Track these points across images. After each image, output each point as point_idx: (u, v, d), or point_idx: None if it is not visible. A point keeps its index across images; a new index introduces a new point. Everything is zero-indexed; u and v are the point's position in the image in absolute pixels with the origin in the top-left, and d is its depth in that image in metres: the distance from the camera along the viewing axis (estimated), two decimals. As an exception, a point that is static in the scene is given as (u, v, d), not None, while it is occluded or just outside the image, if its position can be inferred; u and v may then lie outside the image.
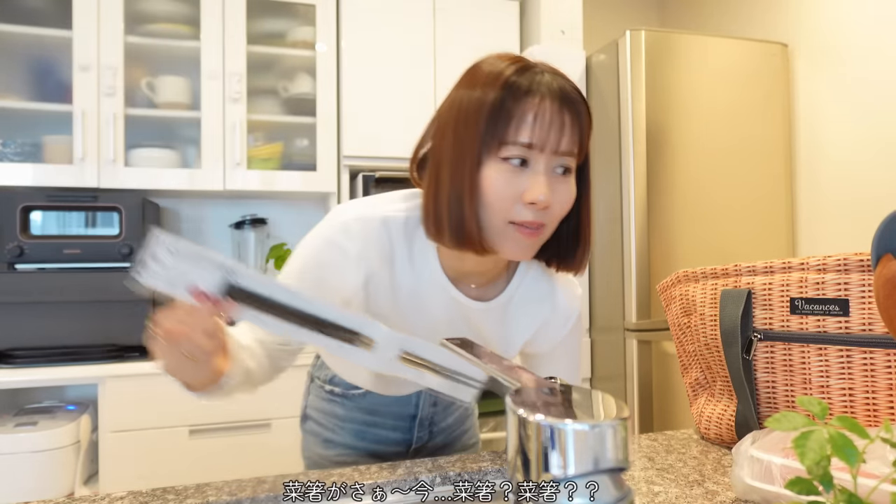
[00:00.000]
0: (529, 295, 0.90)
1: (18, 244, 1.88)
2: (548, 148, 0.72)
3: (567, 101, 0.73)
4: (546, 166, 0.73)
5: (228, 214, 2.43)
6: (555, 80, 0.74)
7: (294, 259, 0.85)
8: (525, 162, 0.73)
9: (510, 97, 0.72)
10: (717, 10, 2.80)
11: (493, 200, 0.73)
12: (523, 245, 0.75)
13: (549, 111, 0.72)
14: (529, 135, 0.71)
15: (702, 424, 0.99)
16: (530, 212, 0.73)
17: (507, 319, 0.91)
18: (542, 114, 0.72)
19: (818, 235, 2.33)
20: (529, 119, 0.71)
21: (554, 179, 0.74)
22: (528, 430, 0.43)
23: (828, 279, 0.82)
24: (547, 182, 0.72)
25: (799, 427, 0.47)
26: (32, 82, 2.16)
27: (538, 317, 0.91)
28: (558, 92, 0.73)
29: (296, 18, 2.34)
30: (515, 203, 0.73)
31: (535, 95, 0.72)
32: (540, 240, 0.77)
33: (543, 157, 0.73)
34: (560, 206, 0.75)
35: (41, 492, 1.70)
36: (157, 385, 1.89)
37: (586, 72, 2.43)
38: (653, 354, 2.19)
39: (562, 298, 0.92)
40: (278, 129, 2.35)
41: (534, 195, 0.72)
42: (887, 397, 0.78)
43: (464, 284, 0.86)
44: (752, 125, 2.33)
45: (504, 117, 0.72)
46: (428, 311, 0.86)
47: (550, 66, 0.78)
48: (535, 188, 0.72)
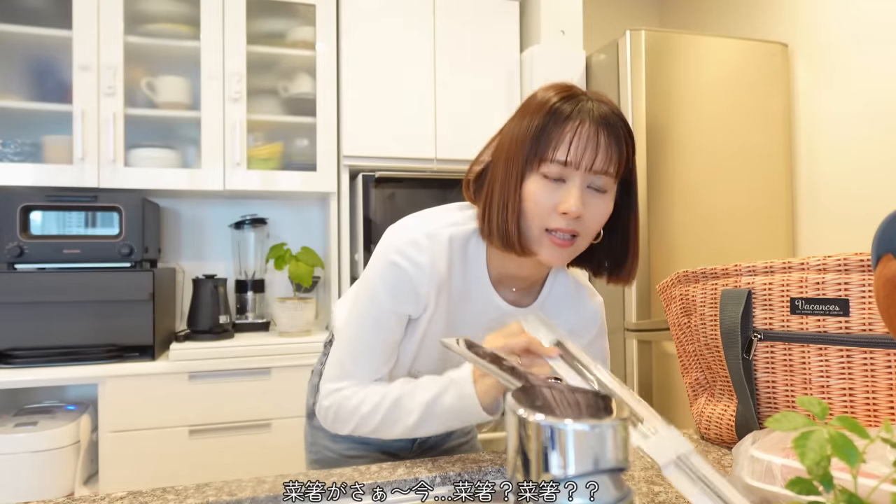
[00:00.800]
0: (558, 302, 0.98)
1: (18, 244, 1.88)
2: (583, 165, 0.81)
3: (605, 125, 0.82)
4: (581, 182, 0.82)
5: (228, 214, 2.43)
6: (598, 107, 0.83)
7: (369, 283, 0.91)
8: (562, 178, 0.82)
9: (552, 121, 0.83)
10: (717, 10, 2.80)
11: (532, 209, 0.83)
12: (557, 252, 0.84)
13: (585, 133, 0.81)
14: (566, 153, 0.81)
15: (702, 424, 0.99)
16: (563, 221, 0.82)
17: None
18: (579, 136, 0.81)
19: (818, 235, 2.33)
20: (567, 140, 0.81)
21: (589, 194, 0.83)
22: (528, 430, 0.43)
23: (828, 279, 0.82)
24: (580, 196, 0.81)
25: (799, 427, 0.47)
26: (32, 82, 2.16)
27: (566, 322, 0.98)
28: (598, 118, 0.82)
29: (296, 18, 2.34)
30: (551, 213, 0.83)
31: (574, 120, 0.82)
32: (574, 249, 0.85)
33: (578, 174, 0.82)
34: (593, 218, 0.84)
35: (41, 492, 1.71)
36: (157, 385, 1.89)
37: (586, 72, 2.43)
38: (653, 354, 2.19)
39: (587, 304, 1.00)
40: (278, 129, 2.35)
41: (567, 206, 0.81)
42: (887, 397, 0.78)
43: (505, 289, 0.95)
44: (752, 125, 2.33)
45: (546, 138, 0.82)
46: (471, 313, 0.94)
47: (599, 93, 0.87)
48: (568, 200, 0.81)
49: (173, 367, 1.90)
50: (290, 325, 2.16)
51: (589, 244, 0.88)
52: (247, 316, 2.35)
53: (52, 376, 1.81)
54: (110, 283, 1.89)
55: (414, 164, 2.30)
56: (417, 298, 0.88)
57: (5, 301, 1.82)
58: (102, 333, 1.89)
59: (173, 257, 2.40)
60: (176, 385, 1.90)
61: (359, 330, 0.91)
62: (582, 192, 0.82)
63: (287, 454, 1.98)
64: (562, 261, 0.86)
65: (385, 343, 0.90)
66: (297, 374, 2.01)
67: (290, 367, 2.01)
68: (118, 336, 1.91)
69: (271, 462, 1.97)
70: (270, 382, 1.99)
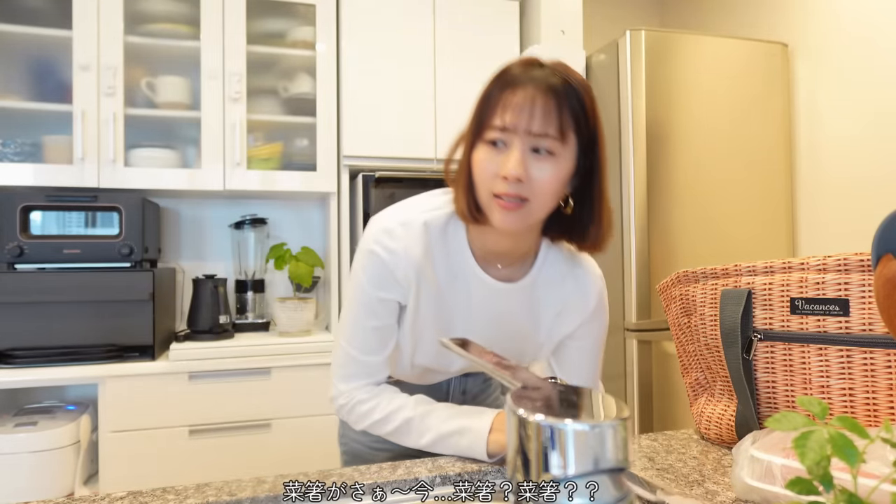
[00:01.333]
0: (552, 277, 0.98)
1: (18, 244, 1.88)
2: (521, 128, 0.81)
3: (546, 88, 0.82)
4: (521, 145, 0.82)
5: (228, 214, 2.43)
6: (545, 74, 0.83)
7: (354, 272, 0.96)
8: (505, 143, 0.83)
9: (497, 89, 0.84)
10: (717, 9, 2.80)
11: (478, 175, 0.86)
12: (506, 215, 0.84)
13: (522, 97, 0.81)
14: (503, 119, 0.82)
15: (702, 424, 0.98)
16: (505, 185, 0.82)
17: (534, 300, 0.98)
18: (516, 100, 0.82)
19: (818, 235, 2.33)
20: (505, 104, 0.82)
21: (533, 158, 0.83)
22: (528, 430, 0.43)
23: (828, 279, 0.82)
24: (519, 158, 0.81)
25: (799, 427, 0.47)
26: (32, 82, 2.16)
27: (560, 297, 0.98)
28: (540, 82, 0.82)
29: (296, 18, 2.34)
30: (495, 178, 0.83)
31: (515, 85, 0.83)
32: (526, 213, 0.84)
33: (517, 137, 0.82)
34: (539, 182, 0.83)
35: (41, 492, 1.70)
36: (157, 385, 1.89)
37: (586, 72, 2.43)
38: (653, 354, 2.19)
39: (582, 279, 0.99)
40: (278, 129, 2.35)
41: (506, 169, 0.82)
42: (887, 397, 0.78)
43: (492, 266, 0.95)
44: (752, 125, 2.33)
45: (489, 106, 0.84)
46: (462, 295, 0.95)
47: (560, 64, 0.86)
48: (507, 163, 0.82)
49: (173, 367, 1.90)
50: (290, 325, 2.16)
51: (549, 211, 0.87)
52: (247, 316, 2.35)
53: (52, 376, 1.81)
54: (110, 283, 1.89)
55: (414, 164, 2.30)
56: (398, 284, 0.92)
57: (5, 301, 1.82)
58: (102, 333, 1.89)
59: (173, 257, 2.40)
60: (176, 385, 1.90)
61: (351, 318, 0.96)
62: (522, 155, 0.82)
63: (287, 454, 1.98)
64: (513, 225, 0.85)
65: (377, 329, 0.95)
66: (297, 374, 2.01)
67: (290, 367, 2.01)
68: (118, 336, 1.91)
69: (271, 462, 1.97)
70: (270, 382, 1.99)
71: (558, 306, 0.98)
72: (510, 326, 0.98)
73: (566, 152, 0.84)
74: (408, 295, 0.93)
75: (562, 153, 0.84)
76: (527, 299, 0.97)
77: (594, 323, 1.01)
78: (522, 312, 0.98)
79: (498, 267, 0.95)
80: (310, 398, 2.01)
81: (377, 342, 0.95)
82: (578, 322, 0.99)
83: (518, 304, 0.97)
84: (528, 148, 0.82)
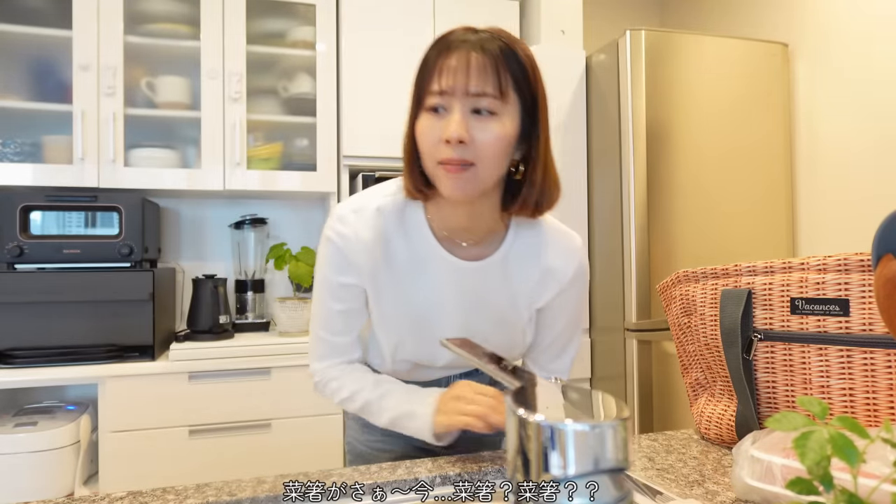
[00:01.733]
0: (525, 250, 0.96)
1: (18, 244, 1.88)
2: (458, 90, 0.81)
3: (480, 48, 0.81)
4: (461, 107, 0.81)
5: (228, 214, 2.43)
6: (481, 38, 0.83)
7: (317, 259, 0.99)
8: (445, 109, 0.82)
9: (434, 54, 0.84)
10: (717, 9, 2.80)
11: (422, 145, 0.85)
12: (453, 180, 0.83)
13: (456, 58, 0.81)
14: (440, 82, 0.81)
15: (702, 424, 0.98)
16: (449, 149, 0.81)
17: (507, 276, 0.95)
18: (450, 62, 0.81)
19: (818, 235, 2.33)
20: (440, 68, 0.82)
21: (475, 119, 0.81)
22: (528, 430, 0.43)
23: (828, 279, 0.82)
24: (460, 120, 0.80)
25: (799, 427, 0.47)
26: (32, 82, 2.16)
27: (535, 269, 0.96)
28: (474, 43, 0.82)
29: (296, 18, 2.34)
30: (438, 144, 0.82)
31: (451, 50, 0.82)
32: (473, 177, 0.83)
33: (456, 99, 0.81)
34: (483, 143, 0.81)
35: (41, 492, 1.70)
36: (157, 385, 1.89)
37: (586, 72, 2.43)
38: (653, 354, 2.19)
39: (561, 248, 0.97)
40: (278, 129, 2.35)
41: (447, 132, 0.80)
42: (887, 397, 0.78)
43: (456, 245, 0.94)
44: (752, 125, 2.33)
45: (426, 74, 0.84)
46: (428, 278, 0.93)
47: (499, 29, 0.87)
48: (448, 127, 0.80)
49: (173, 367, 1.90)
50: (290, 325, 2.16)
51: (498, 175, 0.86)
52: (247, 316, 2.35)
53: (52, 376, 1.81)
54: (110, 283, 1.89)
55: (414, 164, 2.30)
56: (353, 268, 0.93)
57: (5, 301, 1.82)
58: (102, 333, 1.89)
59: (173, 257, 2.40)
60: (176, 385, 1.90)
61: (318, 303, 0.98)
62: (463, 117, 0.80)
63: (287, 454, 1.98)
64: (462, 190, 0.83)
65: (342, 313, 0.96)
66: (297, 374, 2.01)
67: (290, 367, 2.00)
68: (118, 336, 1.91)
69: (271, 462, 1.96)
70: (270, 382, 1.99)
71: (535, 276, 0.96)
72: (488, 310, 0.95)
73: (508, 111, 0.83)
74: (364, 279, 0.93)
75: (504, 112, 0.82)
76: (499, 277, 0.95)
77: (571, 291, 0.98)
78: (498, 292, 0.95)
79: (463, 245, 0.93)
80: (310, 398, 2.01)
81: (343, 324, 0.97)
82: (556, 291, 0.97)
83: (491, 284, 0.94)
84: (469, 109, 0.81)
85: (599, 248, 2.36)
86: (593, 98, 2.40)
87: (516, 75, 0.83)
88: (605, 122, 2.32)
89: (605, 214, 2.32)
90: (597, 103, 2.38)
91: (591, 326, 2.43)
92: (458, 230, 0.92)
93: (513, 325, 0.98)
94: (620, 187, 2.23)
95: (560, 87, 2.39)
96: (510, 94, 0.83)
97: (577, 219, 2.38)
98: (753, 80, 2.34)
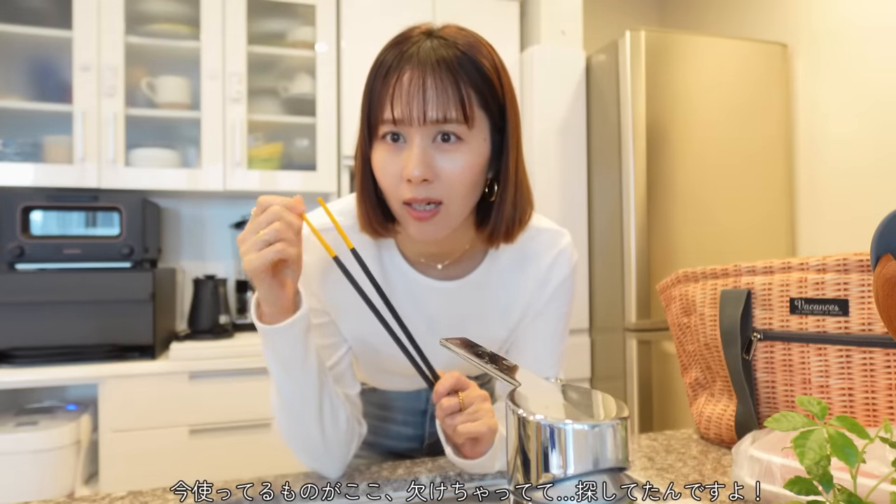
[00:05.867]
0: (509, 266, 0.86)
1: (18, 244, 1.88)
2: (414, 119, 0.69)
3: (433, 65, 0.70)
4: (420, 139, 0.70)
5: (228, 214, 2.43)
6: (427, 49, 0.71)
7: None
8: (402, 138, 0.71)
9: (378, 77, 0.72)
10: (717, 10, 2.80)
11: (382, 180, 0.73)
12: (422, 226, 0.72)
13: (408, 82, 0.69)
14: (393, 110, 0.69)
15: (702, 424, 0.99)
16: (412, 189, 0.70)
17: (487, 294, 0.87)
18: (401, 87, 0.69)
19: (818, 235, 2.33)
20: (391, 94, 0.70)
21: (439, 150, 0.71)
22: (528, 430, 0.43)
23: (827, 279, 0.82)
24: (420, 155, 0.69)
25: (798, 427, 0.47)
26: (33, 82, 2.16)
27: (519, 287, 0.87)
28: (424, 60, 0.70)
29: (296, 18, 2.34)
30: (401, 182, 0.71)
31: (397, 70, 0.70)
32: (445, 217, 0.73)
33: (414, 129, 0.70)
34: (451, 177, 0.71)
35: (41, 492, 1.70)
36: (157, 385, 1.89)
37: (586, 72, 2.43)
38: (653, 354, 2.19)
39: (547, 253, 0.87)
40: (278, 129, 2.35)
41: (407, 171, 0.69)
42: (887, 397, 0.78)
43: (430, 267, 0.84)
44: (752, 125, 2.33)
45: (375, 99, 0.72)
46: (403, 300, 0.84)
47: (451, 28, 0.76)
48: (408, 164, 0.69)
49: (173, 367, 1.90)
50: (290, 325, 2.16)
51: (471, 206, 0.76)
52: (247, 316, 2.35)
53: (52, 376, 1.81)
54: (110, 283, 1.89)
55: (414, 164, 2.30)
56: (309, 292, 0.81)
57: (5, 301, 1.82)
58: (102, 333, 1.89)
59: (173, 257, 2.40)
60: (176, 385, 1.90)
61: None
62: (423, 151, 0.69)
63: (287, 454, 1.98)
64: (433, 235, 0.73)
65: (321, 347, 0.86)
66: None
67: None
68: (118, 336, 1.91)
69: (271, 462, 1.96)
70: (270, 382, 1.99)
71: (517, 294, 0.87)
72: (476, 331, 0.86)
73: (476, 134, 0.72)
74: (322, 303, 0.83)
75: (472, 136, 0.71)
76: (478, 294, 0.86)
77: (556, 301, 0.87)
78: (474, 307, 0.86)
79: (437, 268, 0.84)
80: (310, 398, 2.01)
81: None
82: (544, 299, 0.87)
83: (469, 301, 0.86)
84: (431, 138, 0.70)
85: (599, 249, 2.37)
86: (593, 98, 2.40)
87: (481, 90, 0.72)
88: (605, 123, 2.32)
89: (605, 214, 2.32)
90: (597, 103, 2.38)
91: (591, 326, 2.43)
92: (431, 254, 0.83)
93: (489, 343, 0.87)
94: (620, 187, 2.23)
95: (560, 88, 2.40)
96: (476, 113, 0.71)
97: (577, 219, 2.38)
98: (753, 80, 2.34)
